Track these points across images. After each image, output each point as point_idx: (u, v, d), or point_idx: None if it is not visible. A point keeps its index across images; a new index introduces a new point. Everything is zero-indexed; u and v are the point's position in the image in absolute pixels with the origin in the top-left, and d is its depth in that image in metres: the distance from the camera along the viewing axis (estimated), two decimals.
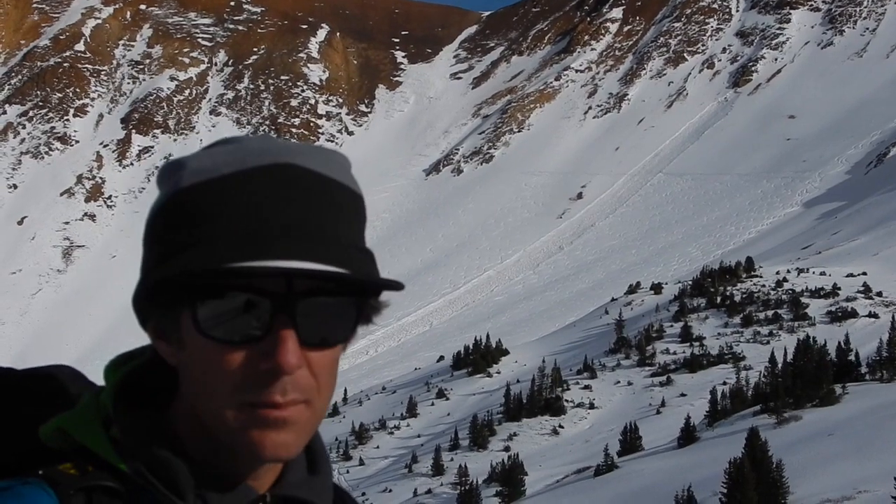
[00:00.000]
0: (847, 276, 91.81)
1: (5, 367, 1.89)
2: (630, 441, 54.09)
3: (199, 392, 1.64)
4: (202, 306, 1.58)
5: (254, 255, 1.55)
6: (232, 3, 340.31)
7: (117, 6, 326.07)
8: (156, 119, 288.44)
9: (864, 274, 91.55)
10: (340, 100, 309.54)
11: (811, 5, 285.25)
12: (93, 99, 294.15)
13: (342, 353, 1.72)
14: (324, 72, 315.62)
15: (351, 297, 1.65)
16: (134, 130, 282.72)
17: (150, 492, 1.65)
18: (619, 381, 78.69)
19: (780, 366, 58.12)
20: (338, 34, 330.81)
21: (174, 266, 1.58)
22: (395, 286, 1.65)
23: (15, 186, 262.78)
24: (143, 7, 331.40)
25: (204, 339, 1.60)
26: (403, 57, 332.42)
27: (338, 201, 1.64)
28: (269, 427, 1.59)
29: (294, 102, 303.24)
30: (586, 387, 77.90)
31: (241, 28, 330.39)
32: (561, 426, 71.02)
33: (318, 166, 1.64)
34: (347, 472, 68.84)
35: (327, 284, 1.61)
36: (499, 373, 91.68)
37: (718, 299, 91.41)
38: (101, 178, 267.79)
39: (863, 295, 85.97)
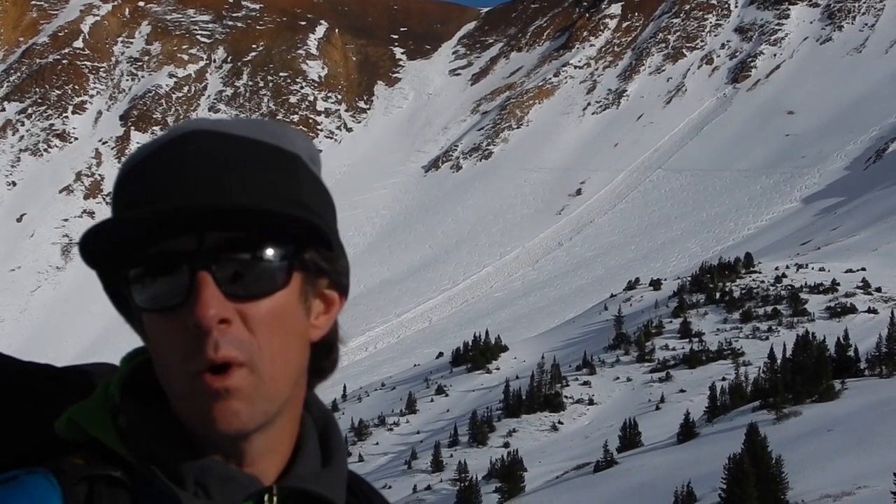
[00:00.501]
0: (846, 271, 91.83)
1: (43, 364, 1.90)
2: (629, 437, 54.09)
3: (160, 371, 1.64)
4: (133, 284, 1.59)
5: (150, 208, 1.55)
6: (230, 0, 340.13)
7: (116, 3, 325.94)
8: (154, 116, 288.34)
9: (864, 269, 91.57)
10: (339, 96, 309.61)
11: (810, 1, 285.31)
12: (92, 96, 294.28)
13: (315, 322, 1.71)
14: (323, 68, 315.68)
15: (277, 246, 1.61)
16: (133, 127, 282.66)
17: (154, 482, 1.65)
18: (618, 377, 78.71)
19: (779, 361, 58.15)
20: (337, 31, 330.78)
21: (93, 244, 1.58)
22: (303, 222, 1.59)
23: (14, 184, 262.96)
24: (141, 4, 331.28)
25: (145, 314, 1.61)
26: (402, 53, 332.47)
27: (250, 155, 1.62)
28: (214, 398, 1.57)
29: (293, 99, 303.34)
30: (585, 383, 77.95)
31: (239, 25, 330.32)
32: (560, 422, 71.04)
33: (228, 129, 1.64)
34: None
35: (244, 236, 1.58)
36: (498, 369, 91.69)
37: (717, 295, 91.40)
38: (100, 175, 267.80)
39: (862, 290, 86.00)
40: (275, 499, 1.68)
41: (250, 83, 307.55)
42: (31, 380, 1.85)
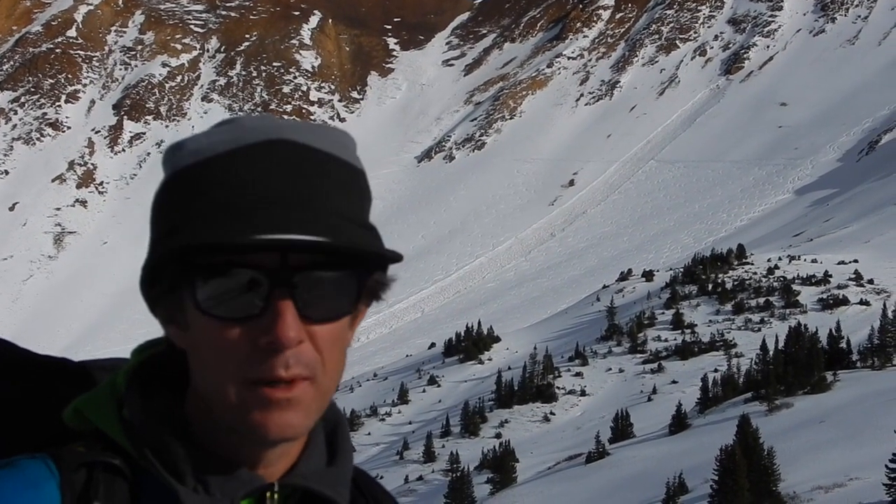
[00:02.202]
0: (839, 263, 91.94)
1: (59, 357, 1.92)
2: (621, 428, 54.20)
3: (204, 372, 1.64)
4: (200, 285, 1.59)
5: (241, 230, 1.55)
6: None
7: None
8: (148, 105, 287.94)
9: (856, 261, 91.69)
10: (332, 86, 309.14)
11: None
12: (84, 85, 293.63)
13: (352, 331, 1.72)
14: (316, 58, 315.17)
15: (351, 271, 1.64)
16: (126, 117, 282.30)
17: (153, 474, 1.65)
18: (610, 369, 78.83)
19: (771, 353, 58.22)
20: (330, 21, 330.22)
21: (164, 246, 1.60)
22: (392, 257, 1.65)
23: (6, 172, 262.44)
24: None
25: (205, 317, 1.60)
26: (396, 44, 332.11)
27: (331, 174, 1.64)
28: (274, 407, 1.59)
29: (286, 89, 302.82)
30: (578, 374, 78.05)
31: (233, 14, 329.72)
32: (552, 413, 71.14)
33: (311, 141, 1.64)
34: None
35: (325, 258, 1.60)
36: (490, 360, 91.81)
37: (710, 286, 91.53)
38: (92, 164, 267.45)
39: (854, 282, 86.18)
40: (276, 496, 1.70)
41: (243, 73, 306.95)
42: (41, 370, 1.87)
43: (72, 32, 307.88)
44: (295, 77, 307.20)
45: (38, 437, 1.76)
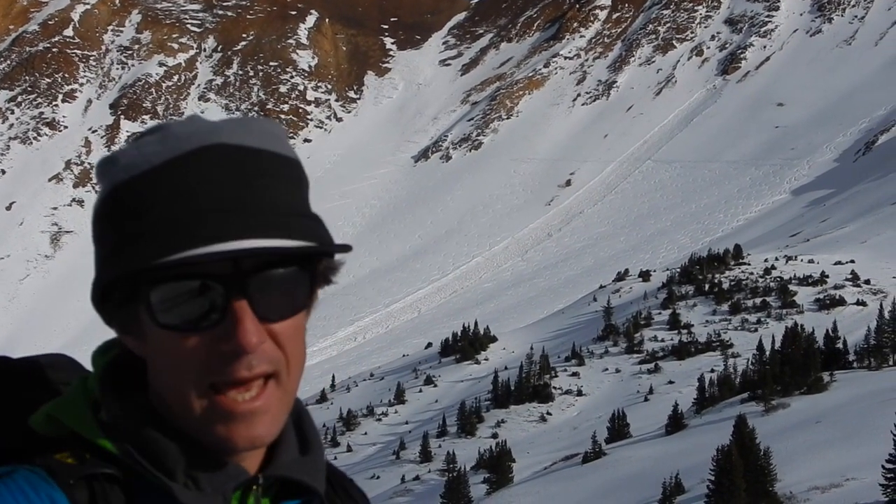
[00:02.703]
0: (835, 263, 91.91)
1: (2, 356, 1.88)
2: (618, 428, 54.22)
3: (165, 382, 1.64)
4: (154, 299, 1.58)
5: (188, 244, 1.54)
6: None
7: None
8: (144, 105, 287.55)
9: (853, 262, 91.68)
10: (329, 86, 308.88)
11: None
12: (81, 84, 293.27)
13: (306, 318, 1.72)
14: (313, 58, 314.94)
15: (302, 265, 1.65)
16: (122, 116, 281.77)
17: (144, 475, 1.64)
18: (607, 369, 78.82)
19: (767, 353, 58.25)
20: (327, 20, 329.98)
21: (114, 267, 1.58)
22: (341, 249, 1.66)
23: (3, 172, 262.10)
24: None
25: (162, 329, 1.59)
26: (392, 43, 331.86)
27: (272, 172, 1.63)
28: (239, 420, 1.60)
29: (283, 89, 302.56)
30: (574, 374, 78.06)
31: (230, 14, 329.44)
32: (549, 413, 71.14)
33: (244, 140, 1.63)
34: (335, 458, 68.66)
35: (275, 257, 1.60)
36: (487, 360, 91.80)
37: (707, 287, 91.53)
38: (89, 163, 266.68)
39: (851, 283, 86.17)
40: (260, 488, 1.71)
41: (240, 72, 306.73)
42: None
43: (68, 32, 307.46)
44: (292, 76, 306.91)
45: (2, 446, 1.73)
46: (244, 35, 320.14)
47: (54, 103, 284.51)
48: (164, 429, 1.65)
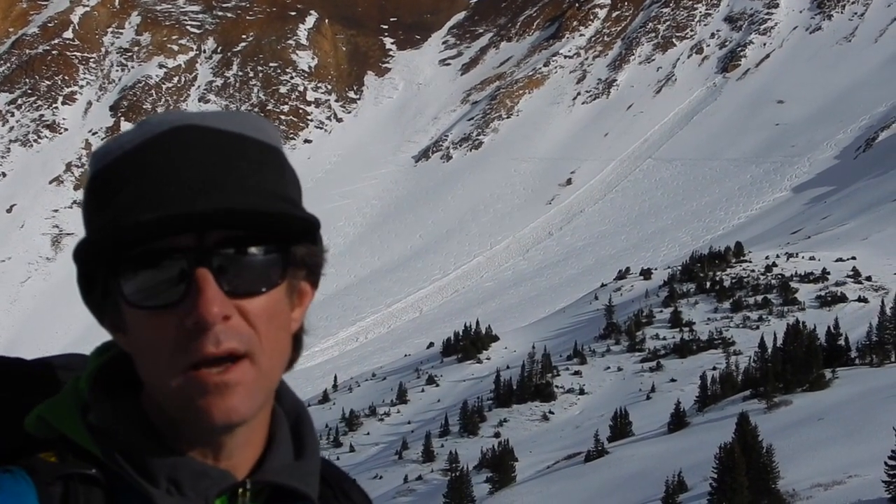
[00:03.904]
0: (836, 260, 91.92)
1: (13, 357, 1.87)
2: (620, 427, 54.17)
3: (145, 367, 1.63)
4: (125, 280, 1.59)
5: (155, 216, 1.55)
6: None
7: None
8: (144, 106, 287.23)
9: (854, 258, 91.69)
10: (329, 87, 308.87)
11: None
12: (81, 87, 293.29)
13: (298, 311, 1.73)
14: (313, 59, 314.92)
15: (275, 244, 1.63)
16: (123, 118, 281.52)
17: (126, 479, 1.63)
18: (609, 367, 78.79)
19: (769, 351, 58.30)
20: (326, 21, 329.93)
21: (84, 245, 1.59)
22: (307, 219, 1.64)
23: (3, 174, 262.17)
24: None
25: (134, 311, 1.60)
26: (392, 43, 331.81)
27: (241, 153, 1.63)
28: (213, 392, 1.58)
29: (283, 89, 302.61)
30: (576, 372, 78.03)
31: (229, 15, 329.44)
32: (551, 412, 71.12)
33: (219, 124, 1.64)
34: (338, 458, 68.69)
35: (244, 234, 1.60)
36: (489, 359, 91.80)
37: (708, 284, 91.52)
38: None
39: (852, 279, 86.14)
40: (248, 493, 1.68)
41: (240, 73, 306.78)
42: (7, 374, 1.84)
43: (68, 34, 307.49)
44: (292, 77, 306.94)
45: (2, 447, 1.72)
46: (244, 36, 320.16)
47: (54, 106, 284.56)
48: (150, 432, 1.65)
